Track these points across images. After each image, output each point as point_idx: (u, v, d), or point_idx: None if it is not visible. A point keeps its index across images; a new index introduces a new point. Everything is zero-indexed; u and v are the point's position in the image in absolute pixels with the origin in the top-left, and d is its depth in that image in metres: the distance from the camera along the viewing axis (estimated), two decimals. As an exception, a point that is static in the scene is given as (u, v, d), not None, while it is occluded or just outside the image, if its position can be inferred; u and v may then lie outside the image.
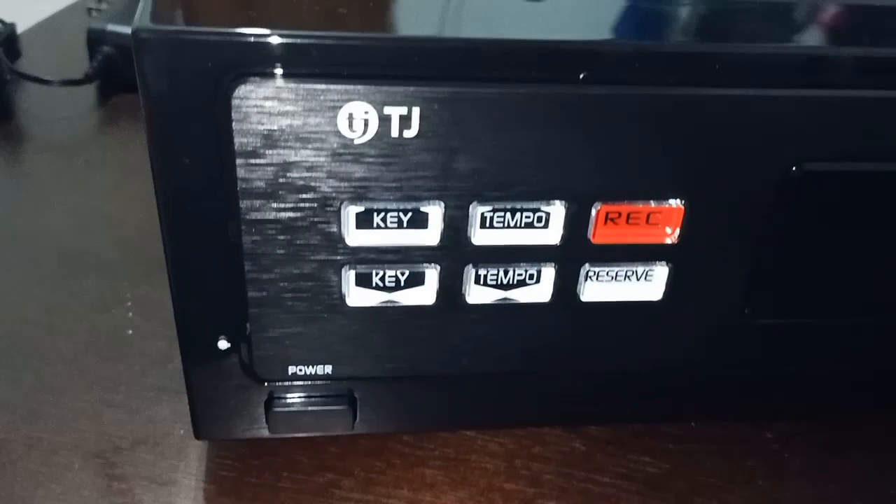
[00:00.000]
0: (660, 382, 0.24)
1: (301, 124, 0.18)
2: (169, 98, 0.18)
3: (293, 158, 0.18)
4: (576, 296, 0.21)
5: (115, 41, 0.45)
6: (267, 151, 0.18)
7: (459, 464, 0.26)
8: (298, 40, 0.17)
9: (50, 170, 0.40)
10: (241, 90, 0.17)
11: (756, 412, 0.27)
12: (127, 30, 0.17)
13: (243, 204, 0.19)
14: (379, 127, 0.18)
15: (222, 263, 0.20)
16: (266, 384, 0.22)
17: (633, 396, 0.24)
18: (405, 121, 0.18)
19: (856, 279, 0.22)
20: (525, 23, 0.19)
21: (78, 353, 0.29)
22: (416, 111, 0.18)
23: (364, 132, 0.18)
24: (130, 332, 0.30)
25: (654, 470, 0.26)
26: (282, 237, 0.19)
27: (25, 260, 0.33)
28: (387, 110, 0.18)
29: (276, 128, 0.18)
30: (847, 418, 0.28)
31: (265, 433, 0.23)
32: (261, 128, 0.18)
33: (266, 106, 0.18)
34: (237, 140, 0.18)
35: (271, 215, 0.19)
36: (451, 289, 0.21)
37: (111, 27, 0.45)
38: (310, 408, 0.22)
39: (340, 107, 0.18)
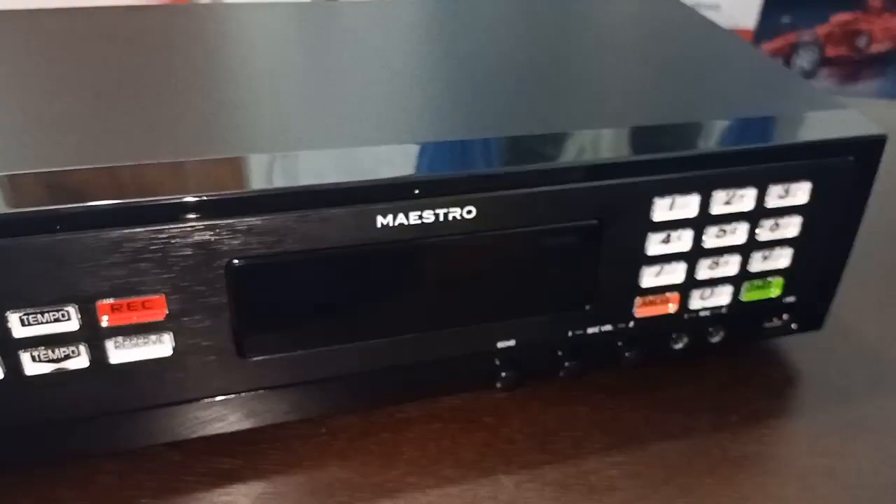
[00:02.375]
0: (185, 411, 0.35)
1: None
2: None
3: None
4: (107, 360, 0.31)
5: None
6: None
7: (87, 482, 0.35)
8: None
9: None
10: None
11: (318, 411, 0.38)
12: None
13: None
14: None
15: None
16: None
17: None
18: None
19: (313, 321, 0.34)
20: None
21: None
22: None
23: None
24: None
25: (228, 466, 0.36)
26: None
27: None
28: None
29: None
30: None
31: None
32: None
33: None
34: None
35: None
36: (14, 368, 0.30)
37: None
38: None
39: None
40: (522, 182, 0.33)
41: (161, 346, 0.32)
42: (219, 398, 0.34)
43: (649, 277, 0.37)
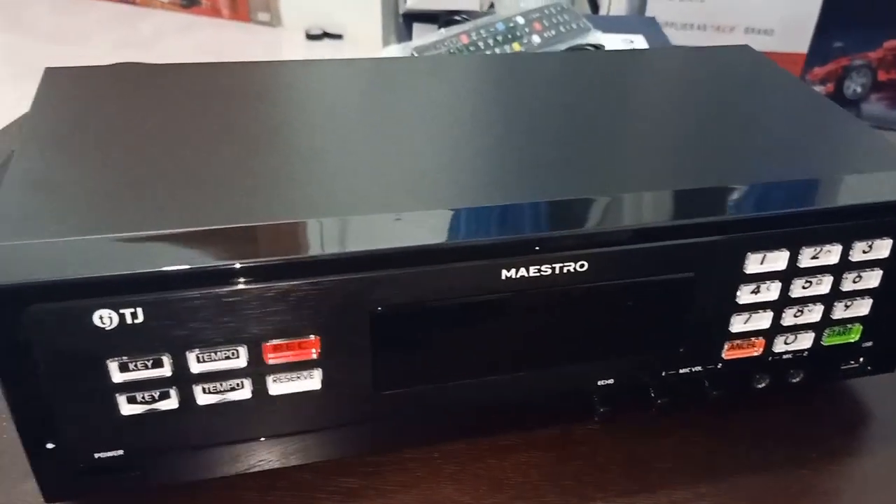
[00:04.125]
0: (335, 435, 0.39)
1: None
2: None
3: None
4: (267, 392, 0.35)
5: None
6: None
7: (231, 499, 0.40)
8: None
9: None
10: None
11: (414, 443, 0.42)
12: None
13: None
14: (119, 320, 0.32)
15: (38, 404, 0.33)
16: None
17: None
18: (133, 315, 0.32)
19: (440, 360, 0.38)
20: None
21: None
22: (139, 310, 0.32)
23: (111, 323, 0.32)
24: (5, 436, 0.42)
25: (354, 486, 0.41)
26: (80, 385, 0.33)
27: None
28: (121, 310, 0.32)
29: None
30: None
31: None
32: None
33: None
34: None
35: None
36: (187, 398, 0.35)
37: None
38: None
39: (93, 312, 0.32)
40: (629, 239, 0.37)
41: (311, 381, 0.36)
42: (351, 426, 0.39)
43: (738, 324, 0.41)
